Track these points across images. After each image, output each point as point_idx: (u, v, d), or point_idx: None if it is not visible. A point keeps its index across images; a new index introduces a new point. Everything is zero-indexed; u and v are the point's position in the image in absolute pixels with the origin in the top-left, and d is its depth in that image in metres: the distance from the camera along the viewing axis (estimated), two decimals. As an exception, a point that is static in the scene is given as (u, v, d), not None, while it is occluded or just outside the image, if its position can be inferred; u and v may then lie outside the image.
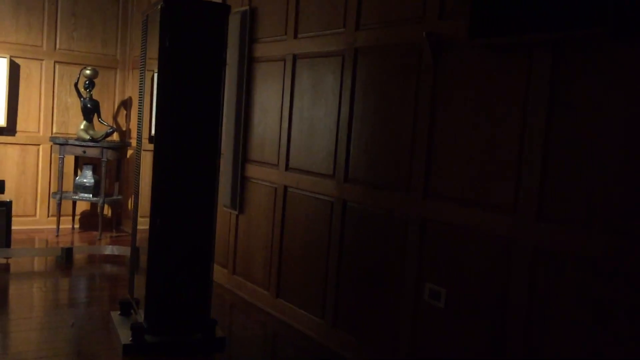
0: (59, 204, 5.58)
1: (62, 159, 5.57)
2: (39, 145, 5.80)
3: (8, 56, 5.54)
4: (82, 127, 5.66)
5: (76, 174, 5.84)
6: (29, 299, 4.02)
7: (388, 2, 3.01)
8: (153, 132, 3.19)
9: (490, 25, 2.38)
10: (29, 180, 5.77)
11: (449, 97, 2.67)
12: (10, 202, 4.69)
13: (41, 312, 3.77)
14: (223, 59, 3.10)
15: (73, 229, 5.91)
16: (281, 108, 3.80)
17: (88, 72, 5.66)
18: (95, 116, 5.76)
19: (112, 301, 3.97)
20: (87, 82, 5.67)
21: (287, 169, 3.74)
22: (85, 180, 5.66)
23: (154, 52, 3.18)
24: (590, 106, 2.12)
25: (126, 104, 6.16)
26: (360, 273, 3.15)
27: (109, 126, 5.74)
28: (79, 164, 5.85)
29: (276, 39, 3.87)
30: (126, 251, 4.90)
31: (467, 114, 2.58)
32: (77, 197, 5.66)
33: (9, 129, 5.64)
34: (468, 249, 2.55)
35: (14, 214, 4.75)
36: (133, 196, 5.33)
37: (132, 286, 3.44)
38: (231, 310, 3.96)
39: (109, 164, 5.67)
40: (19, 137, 5.70)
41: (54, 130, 5.86)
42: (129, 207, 6.07)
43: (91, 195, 5.64)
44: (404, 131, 2.88)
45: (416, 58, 2.82)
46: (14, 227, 4.75)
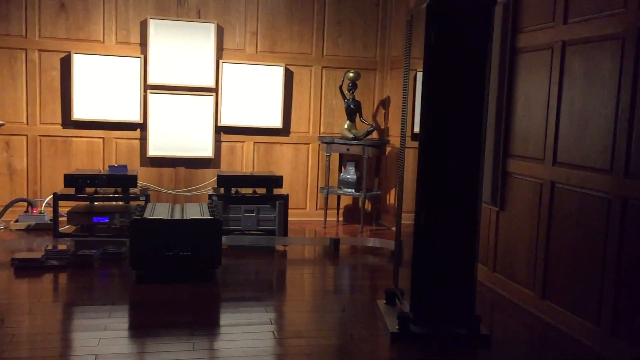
0: (326, 198, 6.08)
1: (328, 157, 6.05)
2: (308, 144, 6.38)
3: (283, 65, 6.20)
4: (346, 126, 6.07)
5: (340, 171, 6.28)
6: (300, 283, 4.45)
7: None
8: (416, 129, 3.29)
9: None
10: (300, 176, 6.38)
11: None
12: (287, 196, 5.25)
13: (311, 296, 4.14)
14: (487, 53, 3.05)
15: (337, 221, 6.37)
16: (547, 99, 3.60)
17: (351, 74, 6.05)
18: (357, 116, 6.13)
19: (374, 290, 4.19)
20: (350, 84, 6.06)
21: (554, 163, 3.53)
22: (348, 176, 6.06)
23: (417, 51, 3.27)
24: None
25: (385, 103, 6.43)
26: (643, 279, 2.83)
27: (369, 125, 6.06)
28: (343, 161, 6.28)
29: (542, 26, 3.68)
30: (387, 244, 5.13)
31: None
32: (341, 191, 6.09)
33: (284, 130, 6.30)
34: None
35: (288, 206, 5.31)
36: (395, 191, 5.53)
37: (397, 277, 3.58)
38: (492, 309, 3.88)
39: (369, 160, 5.98)
40: (292, 137, 6.34)
41: (321, 130, 6.38)
42: (387, 202, 6.33)
43: (354, 190, 6.02)
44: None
45: None
46: (288, 218, 5.30)
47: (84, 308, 3.60)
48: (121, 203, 5.35)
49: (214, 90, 6.08)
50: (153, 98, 5.95)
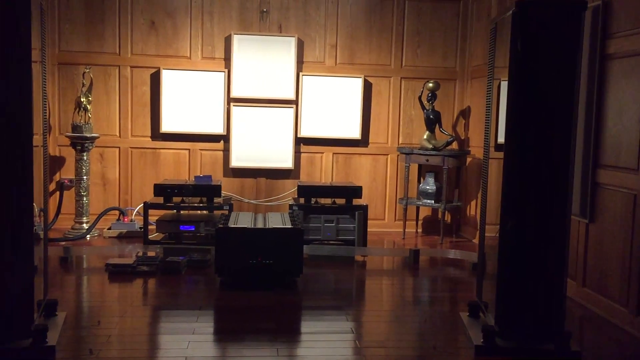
0: (405, 209, 6.05)
1: (407, 167, 6.03)
2: (387, 155, 6.38)
3: (362, 76, 6.24)
4: (425, 137, 6.03)
5: (419, 181, 6.24)
6: (380, 293, 4.45)
7: None
8: (500, 139, 3.23)
9: None
10: (379, 187, 6.38)
11: None
12: (366, 206, 5.27)
13: (391, 306, 4.13)
14: (577, 60, 2.96)
15: (417, 232, 6.32)
16: (641, 107, 3.45)
17: (431, 85, 6.01)
18: (437, 126, 6.07)
19: (456, 302, 4.13)
20: (429, 95, 6.02)
21: (649, 174, 3.37)
22: (427, 187, 6.01)
23: (501, 60, 3.22)
24: None
25: (465, 113, 6.34)
26: None
27: (449, 135, 5.99)
28: (422, 171, 6.24)
29: (635, 31, 3.53)
30: (468, 255, 5.04)
31: None
32: (420, 202, 6.05)
33: (363, 140, 6.33)
34: None
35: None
36: (477, 202, 5.43)
37: (481, 290, 3.52)
38: (581, 324, 3.73)
39: (449, 171, 5.91)
40: (370, 148, 6.36)
41: (400, 141, 6.37)
42: (468, 214, 6.22)
43: (433, 201, 5.96)
44: None
45: None
46: (367, 229, 5.31)
47: (173, 312, 3.75)
48: (205, 212, 5.54)
49: (294, 102, 6.21)
50: (236, 111, 6.14)
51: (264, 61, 6.13)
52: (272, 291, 4.10)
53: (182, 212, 5.48)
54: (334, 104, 6.24)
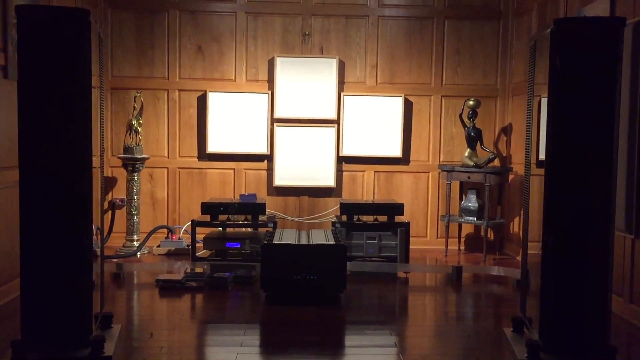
0: (447, 226, 6.07)
1: (449, 185, 6.06)
2: (428, 172, 6.42)
3: (403, 95, 6.33)
4: (467, 154, 6.06)
5: (461, 199, 6.25)
6: (423, 309, 4.48)
7: None
8: (541, 156, 3.26)
9: None
10: (420, 204, 6.43)
11: None
12: (409, 223, 5.32)
13: (433, 322, 4.16)
14: (616, 76, 2.99)
15: (459, 250, 6.32)
16: (686, 121, 3.43)
17: (471, 102, 6.05)
18: (478, 143, 6.10)
19: (500, 318, 4.14)
20: (470, 112, 6.06)
21: (695, 188, 3.34)
22: (469, 204, 6.02)
23: (541, 77, 3.27)
24: None
25: (506, 130, 6.35)
26: None
27: (491, 152, 6.01)
28: (464, 189, 6.25)
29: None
30: (511, 272, 5.02)
31: None
32: (462, 220, 6.06)
33: (404, 159, 6.40)
34: None
35: (410, 233, 5.37)
36: (520, 219, 5.42)
37: (524, 305, 3.53)
38: (629, 342, 3.69)
39: (491, 188, 5.92)
40: (412, 165, 6.42)
41: (441, 159, 6.41)
42: (511, 230, 6.20)
43: (475, 219, 5.97)
44: None
45: None
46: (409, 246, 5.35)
47: (220, 325, 3.88)
48: (250, 230, 5.69)
49: (335, 122, 6.33)
50: (279, 131, 6.30)
51: (306, 82, 6.29)
52: (316, 306, 4.18)
53: (227, 229, 5.63)
54: (375, 123, 6.34)
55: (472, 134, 6.08)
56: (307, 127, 6.32)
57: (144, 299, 4.57)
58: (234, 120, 6.29)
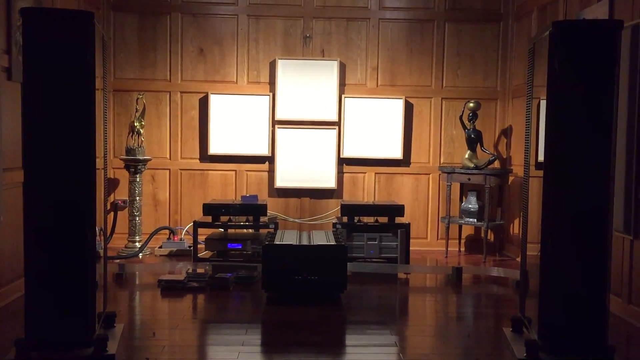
0: (447, 228, 6.10)
1: (449, 187, 6.09)
2: (429, 174, 6.46)
3: (403, 97, 6.37)
4: (467, 156, 6.10)
5: (461, 200, 6.28)
6: (423, 309, 4.51)
7: None
8: (540, 158, 3.29)
9: None
10: (421, 206, 6.46)
11: None
12: (409, 224, 5.35)
13: (433, 322, 4.19)
14: (614, 78, 3.02)
15: (459, 251, 6.35)
16: (683, 123, 3.46)
17: (472, 105, 6.09)
18: (478, 146, 6.13)
19: (499, 318, 4.16)
20: (470, 115, 6.10)
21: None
22: (470, 206, 6.05)
23: (540, 79, 3.30)
24: None
25: (506, 132, 6.39)
26: None
27: (491, 154, 6.04)
28: (464, 190, 6.28)
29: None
30: (511, 273, 5.05)
31: None
32: (462, 221, 6.09)
33: (405, 160, 6.43)
34: None
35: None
36: (519, 221, 5.45)
37: (524, 305, 3.56)
38: (628, 342, 3.72)
39: (491, 190, 5.95)
40: (412, 167, 6.46)
41: (442, 161, 6.44)
42: (511, 232, 6.23)
43: (475, 220, 5.99)
44: None
45: None
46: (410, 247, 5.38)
47: (222, 325, 3.91)
48: (252, 231, 5.72)
49: (336, 124, 6.37)
50: (280, 133, 6.34)
51: (307, 84, 6.33)
52: (317, 306, 4.21)
53: (229, 230, 5.67)
54: (376, 125, 6.37)
55: (473, 136, 6.11)
56: (308, 129, 6.36)
57: (146, 299, 4.60)
58: (235, 122, 6.32)
